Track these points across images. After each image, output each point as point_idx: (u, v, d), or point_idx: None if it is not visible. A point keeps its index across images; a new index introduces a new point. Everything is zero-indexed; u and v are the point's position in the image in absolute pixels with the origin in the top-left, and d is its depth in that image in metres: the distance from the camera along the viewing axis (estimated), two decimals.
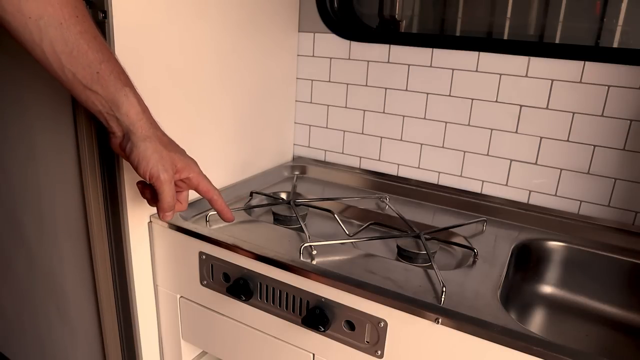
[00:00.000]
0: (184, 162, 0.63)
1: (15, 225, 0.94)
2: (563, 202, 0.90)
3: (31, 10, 0.52)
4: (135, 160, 0.59)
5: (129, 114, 0.58)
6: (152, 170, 0.60)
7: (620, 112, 0.81)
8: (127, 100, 0.58)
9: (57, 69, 0.56)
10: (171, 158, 0.61)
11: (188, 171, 0.64)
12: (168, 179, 0.61)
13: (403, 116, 1.01)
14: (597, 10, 0.88)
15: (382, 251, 0.80)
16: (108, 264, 0.79)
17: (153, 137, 0.60)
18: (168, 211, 0.63)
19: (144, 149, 0.59)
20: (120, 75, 0.58)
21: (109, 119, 0.59)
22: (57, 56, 0.55)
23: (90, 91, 0.57)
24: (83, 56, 0.55)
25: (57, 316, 0.95)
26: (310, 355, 0.70)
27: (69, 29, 0.54)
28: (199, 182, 0.66)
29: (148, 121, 0.60)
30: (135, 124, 0.59)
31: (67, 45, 0.54)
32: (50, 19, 0.53)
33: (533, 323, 0.81)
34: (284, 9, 1.02)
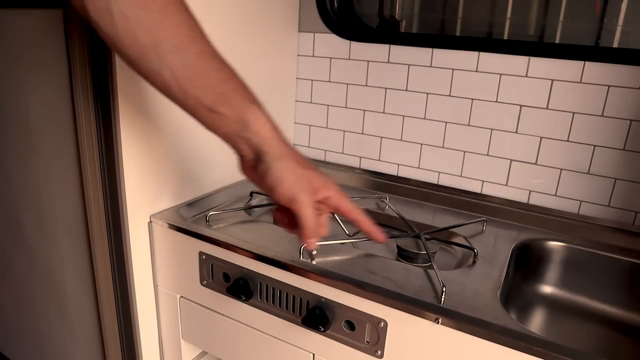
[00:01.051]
0: (321, 181, 0.56)
1: (15, 225, 0.94)
2: (563, 202, 0.90)
3: (147, 39, 0.50)
4: (271, 183, 0.54)
5: (260, 132, 0.53)
6: (289, 193, 0.53)
7: (620, 112, 0.81)
8: (257, 118, 0.53)
9: (180, 96, 0.53)
10: (308, 177, 0.55)
11: (326, 190, 0.56)
12: (308, 201, 0.54)
13: (403, 116, 1.01)
14: (597, 10, 0.88)
15: (382, 251, 0.80)
16: (108, 263, 0.79)
17: (287, 155, 0.54)
18: (311, 237, 0.56)
19: (278, 169, 0.53)
20: (245, 92, 0.54)
21: (239, 141, 0.55)
22: (178, 82, 0.52)
23: (216, 114, 0.53)
24: (204, 78, 0.52)
25: (57, 316, 0.95)
26: (310, 355, 0.70)
27: (186, 51, 0.51)
28: (339, 202, 0.57)
29: (280, 139, 0.55)
30: (267, 142, 0.54)
31: (186, 69, 0.51)
32: (167, 45, 0.51)
33: (533, 323, 0.81)
34: (284, 9, 1.02)
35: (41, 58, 0.75)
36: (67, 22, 0.69)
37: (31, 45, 0.76)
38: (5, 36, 0.79)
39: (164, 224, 0.79)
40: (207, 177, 0.91)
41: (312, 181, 0.55)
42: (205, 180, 0.91)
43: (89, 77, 0.69)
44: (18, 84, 0.81)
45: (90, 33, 0.67)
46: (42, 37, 0.73)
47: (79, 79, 0.70)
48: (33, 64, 0.77)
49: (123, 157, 0.72)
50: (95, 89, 0.70)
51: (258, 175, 0.55)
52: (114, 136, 0.72)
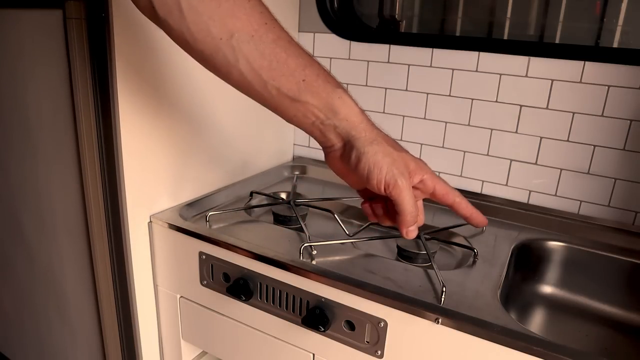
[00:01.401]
0: (415, 163, 0.53)
1: (15, 225, 0.94)
2: (563, 202, 0.90)
3: (220, 30, 0.48)
4: (365, 170, 0.51)
5: (349, 117, 0.51)
6: (387, 177, 0.51)
7: (620, 112, 0.81)
8: (343, 103, 0.51)
9: (260, 88, 0.51)
10: (403, 160, 0.52)
11: (421, 172, 0.54)
12: (407, 184, 0.51)
13: (403, 116, 1.01)
14: (597, 10, 0.88)
15: (382, 251, 0.80)
16: (108, 263, 0.79)
17: (379, 138, 0.52)
18: (412, 224, 0.53)
19: (373, 153, 0.51)
20: (327, 77, 0.52)
21: (326, 130, 0.52)
22: (257, 73, 0.49)
23: (299, 103, 0.51)
24: (283, 66, 0.50)
25: (57, 316, 0.95)
26: (310, 355, 0.70)
27: (261, 39, 0.49)
28: (435, 184, 0.54)
29: (369, 122, 0.53)
30: (357, 127, 0.51)
31: (264, 58, 0.49)
32: (241, 34, 0.48)
33: (533, 323, 0.81)
34: (283, 9, 1.02)
35: (41, 58, 0.75)
36: (67, 22, 0.69)
37: (31, 45, 0.76)
38: (5, 36, 0.79)
39: (164, 224, 0.79)
40: (207, 177, 0.91)
41: (408, 164, 0.52)
42: (205, 180, 0.91)
43: (89, 77, 0.69)
44: (18, 84, 0.81)
45: (90, 33, 0.68)
46: (42, 37, 0.73)
47: (79, 79, 0.70)
48: (33, 63, 0.77)
49: (123, 157, 0.72)
50: (96, 89, 0.70)
51: (349, 164, 0.53)
52: (114, 136, 0.72)
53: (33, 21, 0.74)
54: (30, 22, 0.75)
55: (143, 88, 0.73)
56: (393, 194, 0.51)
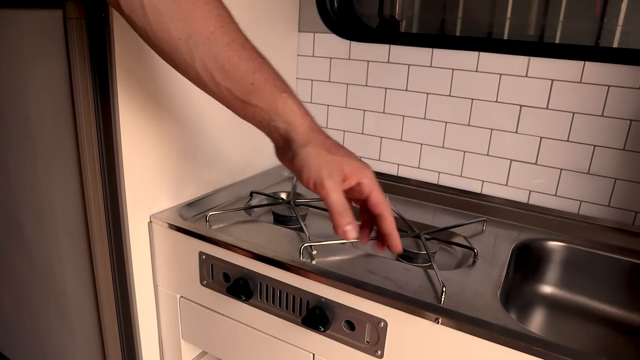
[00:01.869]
0: (353, 166, 0.54)
1: (15, 225, 0.94)
2: (563, 202, 0.90)
3: (179, 31, 0.51)
4: (297, 168, 0.54)
5: (290, 120, 0.54)
6: (314, 177, 0.53)
7: (620, 112, 0.81)
8: (286, 107, 0.54)
9: (213, 87, 0.54)
10: (337, 162, 0.54)
11: (358, 176, 0.55)
12: (333, 186, 0.53)
13: (403, 116, 1.01)
14: (597, 10, 0.88)
15: None
16: (108, 263, 0.79)
17: (315, 140, 0.54)
18: (344, 225, 0.53)
19: (305, 154, 0.53)
20: (275, 81, 0.54)
21: (271, 130, 0.56)
22: (210, 73, 0.53)
23: (248, 104, 0.54)
24: (235, 69, 0.53)
25: (57, 316, 0.95)
26: (310, 355, 0.70)
27: (216, 42, 0.52)
28: (371, 191, 0.56)
29: (309, 126, 0.55)
30: (296, 129, 0.54)
31: (217, 60, 0.52)
32: (198, 36, 0.51)
33: (533, 323, 0.81)
34: (283, 9, 1.02)
35: (41, 58, 0.75)
36: (67, 22, 0.69)
37: (31, 45, 0.76)
38: (5, 36, 0.79)
39: (164, 224, 0.79)
40: (207, 177, 0.91)
41: (342, 167, 0.54)
42: (205, 180, 0.91)
43: (89, 77, 0.69)
44: (18, 84, 0.81)
45: (90, 33, 0.68)
46: (42, 37, 0.73)
47: (79, 78, 0.70)
48: (33, 63, 0.77)
49: (123, 157, 0.72)
50: (96, 89, 0.70)
51: (287, 158, 0.56)
52: (114, 136, 0.72)
53: (33, 21, 0.74)
54: (30, 22, 0.75)
55: (143, 88, 0.73)
56: (321, 193, 0.54)
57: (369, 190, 0.55)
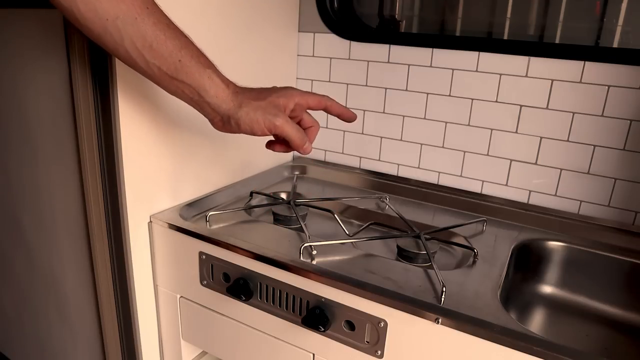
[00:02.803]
0: (283, 97, 0.62)
1: (15, 225, 0.94)
2: (563, 202, 0.90)
3: (107, 12, 0.53)
4: (248, 128, 0.60)
5: (218, 94, 0.59)
6: (267, 125, 0.60)
7: (620, 112, 0.81)
8: (213, 82, 0.59)
9: (143, 66, 0.57)
10: (271, 102, 0.61)
11: (291, 100, 0.63)
12: (283, 120, 0.60)
13: (403, 116, 1.01)
14: (597, 10, 0.88)
15: (382, 251, 0.80)
16: (108, 264, 0.79)
17: (245, 98, 0.60)
18: (303, 144, 0.62)
19: (245, 114, 0.59)
20: (200, 58, 0.58)
21: (203, 106, 0.60)
22: (140, 52, 0.56)
23: (177, 81, 0.58)
24: (163, 46, 0.56)
25: (57, 316, 0.95)
26: (310, 355, 0.70)
27: (143, 22, 0.55)
28: (307, 100, 0.64)
29: (234, 90, 0.60)
30: (226, 100, 0.59)
31: (146, 39, 0.55)
32: (126, 17, 0.54)
33: (533, 323, 0.81)
34: (284, 9, 1.02)
35: (41, 58, 0.75)
36: (67, 22, 0.69)
37: (31, 45, 0.76)
38: (5, 36, 0.79)
39: (164, 224, 0.79)
40: (207, 177, 0.91)
41: (276, 103, 0.61)
42: (205, 180, 0.91)
43: (89, 77, 0.69)
44: (18, 84, 0.81)
45: None
46: (42, 37, 0.73)
47: (79, 78, 0.70)
48: (33, 63, 0.77)
49: (123, 157, 0.72)
50: (96, 89, 0.70)
51: (234, 129, 0.62)
52: (114, 136, 0.72)
53: (33, 21, 0.74)
54: (30, 22, 0.75)
55: (143, 88, 0.73)
56: (278, 132, 0.61)
57: (306, 102, 0.64)
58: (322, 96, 0.66)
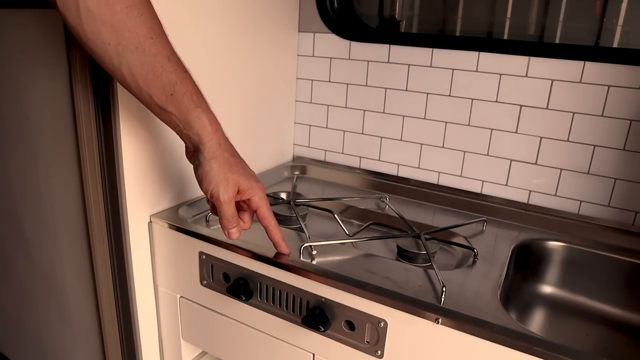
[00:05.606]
0: (247, 185, 0.63)
1: (15, 225, 0.94)
2: (563, 202, 0.90)
3: (110, 37, 0.54)
4: (200, 178, 0.62)
5: (200, 134, 0.60)
6: (212, 190, 0.61)
7: (620, 112, 0.81)
8: (199, 121, 0.60)
9: (135, 91, 0.58)
10: (234, 180, 0.62)
11: (250, 193, 0.64)
12: (227, 200, 0.62)
13: (403, 116, 1.01)
14: (597, 11, 0.88)
15: (382, 251, 0.80)
16: (108, 264, 0.79)
17: (220, 158, 0.61)
18: (229, 228, 0.64)
19: (208, 169, 0.61)
20: (193, 95, 0.59)
21: (184, 137, 0.62)
22: (135, 79, 0.57)
23: (165, 112, 0.59)
24: (158, 79, 0.57)
25: (57, 316, 0.95)
26: (310, 355, 0.70)
27: (144, 52, 0.56)
28: (259, 207, 0.65)
29: (217, 142, 0.61)
30: (204, 144, 0.60)
31: (143, 68, 0.56)
32: (127, 44, 0.55)
33: (533, 323, 0.81)
34: (284, 9, 1.02)
35: (41, 58, 0.75)
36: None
37: (31, 45, 0.76)
38: (5, 36, 0.79)
39: (164, 224, 0.79)
40: None
41: (238, 183, 0.62)
42: None
43: (89, 77, 0.69)
44: (18, 84, 0.81)
45: None
46: (42, 37, 0.73)
47: (79, 78, 0.70)
48: (33, 64, 0.77)
49: (123, 157, 0.72)
50: (95, 89, 0.70)
51: (194, 165, 0.63)
52: (114, 136, 0.72)
53: (33, 21, 0.74)
54: (30, 22, 0.75)
55: None
56: (216, 203, 0.63)
57: (257, 206, 0.65)
58: (271, 217, 0.66)
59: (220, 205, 0.62)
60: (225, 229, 0.65)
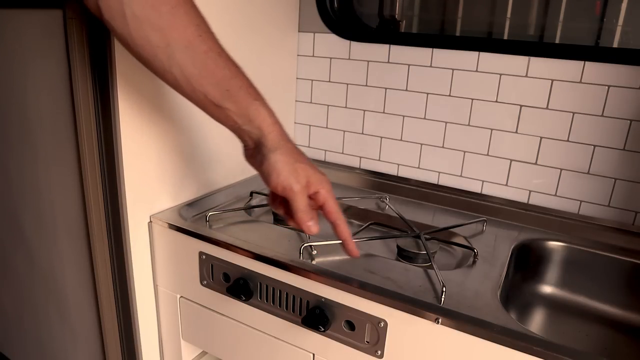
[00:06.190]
0: (315, 176, 0.59)
1: (15, 225, 0.94)
2: (563, 202, 0.90)
3: (159, 39, 0.53)
4: (266, 172, 0.58)
5: (261, 126, 0.58)
6: (284, 182, 0.58)
7: (620, 112, 0.81)
8: (259, 114, 0.58)
9: (189, 92, 0.57)
10: (304, 170, 0.59)
11: (317, 186, 0.60)
12: (300, 189, 0.58)
13: (403, 116, 1.01)
14: (597, 11, 0.88)
15: (382, 251, 0.80)
16: (108, 264, 0.79)
17: (284, 148, 0.58)
18: (307, 221, 0.59)
19: (274, 160, 0.58)
20: (249, 89, 0.58)
21: (242, 134, 0.60)
22: (187, 79, 0.55)
23: (221, 109, 0.57)
24: (211, 76, 0.56)
25: (57, 316, 0.95)
26: (310, 355, 0.70)
27: (194, 50, 0.54)
28: (326, 200, 0.60)
29: (279, 133, 0.59)
30: (266, 136, 0.58)
31: (195, 67, 0.55)
32: (176, 44, 0.54)
33: (533, 323, 0.81)
34: (283, 9, 1.02)
35: (41, 58, 0.75)
36: (67, 22, 0.69)
37: (31, 45, 0.76)
38: (5, 36, 0.79)
39: (164, 224, 0.79)
40: (207, 177, 0.91)
41: (307, 174, 0.59)
42: (205, 180, 0.91)
43: (89, 77, 0.69)
44: (18, 84, 0.81)
45: (90, 33, 0.67)
46: (42, 37, 0.73)
47: (79, 78, 0.70)
48: (33, 64, 0.77)
49: (123, 157, 0.72)
50: (96, 89, 0.70)
51: (256, 163, 0.60)
52: (114, 136, 0.72)
53: (33, 21, 0.74)
54: (30, 22, 0.75)
55: (143, 88, 0.73)
56: (289, 195, 0.58)
57: (324, 199, 0.60)
58: (339, 212, 0.61)
59: (294, 196, 0.58)
60: (302, 224, 0.60)
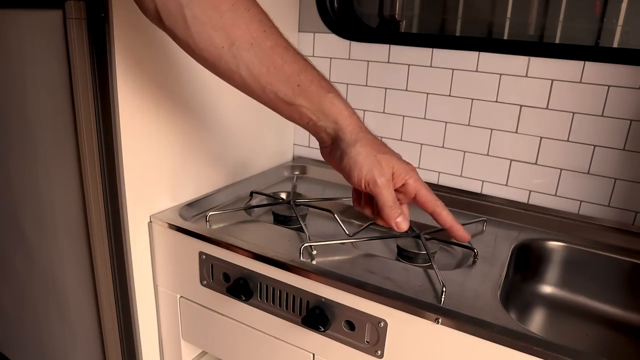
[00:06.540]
0: (400, 166, 0.56)
1: (15, 225, 0.94)
2: (563, 202, 0.90)
3: (222, 40, 0.52)
4: (347, 168, 0.55)
5: (338, 120, 0.55)
6: (367, 177, 0.54)
7: (620, 112, 0.81)
8: (334, 107, 0.55)
9: (259, 92, 0.54)
10: (387, 161, 0.55)
11: (404, 177, 0.56)
12: (385, 183, 0.54)
13: (403, 116, 1.01)
14: (597, 11, 0.88)
15: (382, 251, 0.80)
16: (108, 264, 0.79)
17: (364, 139, 0.55)
18: (395, 217, 0.56)
19: (355, 153, 0.54)
20: (321, 82, 0.55)
21: (318, 130, 0.57)
22: (256, 78, 0.53)
23: (294, 106, 0.55)
24: (280, 72, 0.53)
25: (57, 316, 0.95)
26: (310, 355, 0.70)
27: (260, 47, 0.52)
28: (418, 189, 0.57)
29: (357, 125, 0.56)
30: (344, 129, 0.55)
31: (262, 65, 0.53)
32: (241, 43, 0.52)
33: (533, 323, 0.81)
34: (283, 9, 1.02)
35: (41, 58, 0.75)
36: (67, 22, 0.69)
37: (31, 45, 0.76)
38: (5, 36, 0.79)
39: (164, 224, 0.79)
40: (207, 177, 0.91)
41: (391, 165, 0.55)
42: (205, 180, 0.91)
43: (89, 77, 0.69)
44: (18, 84, 0.81)
45: (91, 33, 0.68)
46: (42, 37, 0.73)
47: (79, 79, 0.70)
48: (33, 64, 0.77)
49: (123, 157, 0.72)
50: (96, 89, 0.70)
51: (335, 161, 0.57)
52: (114, 136, 0.72)
53: (33, 21, 0.74)
54: (30, 22, 0.75)
55: (143, 88, 0.73)
56: (373, 190, 0.55)
57: (414, 190, 0.57)
58: (436, 199, 0.57)
59: (379, 191, 0.54)
60: (390, 220, 0.56)
